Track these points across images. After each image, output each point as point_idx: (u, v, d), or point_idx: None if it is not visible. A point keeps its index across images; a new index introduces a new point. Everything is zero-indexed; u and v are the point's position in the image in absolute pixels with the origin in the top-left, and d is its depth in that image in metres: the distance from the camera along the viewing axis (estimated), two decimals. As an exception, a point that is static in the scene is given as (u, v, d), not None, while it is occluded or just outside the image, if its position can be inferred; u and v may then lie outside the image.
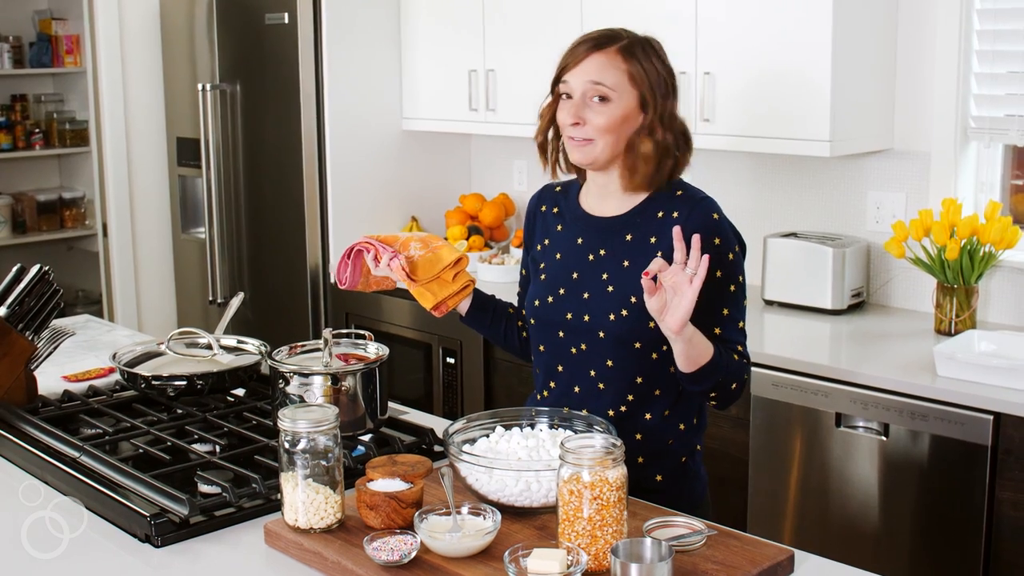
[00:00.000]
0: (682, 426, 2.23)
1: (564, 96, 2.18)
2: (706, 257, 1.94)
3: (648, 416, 2.20)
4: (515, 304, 2.47)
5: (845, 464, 3.04)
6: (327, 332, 2.33)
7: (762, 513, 3.23)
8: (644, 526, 1.85)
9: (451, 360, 4.08)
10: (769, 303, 3.62)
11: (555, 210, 2.33)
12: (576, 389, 2.24)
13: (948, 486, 2.87)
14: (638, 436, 2.20)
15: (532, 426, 2.09)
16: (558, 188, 2.36)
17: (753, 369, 3.15)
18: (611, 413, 2.20)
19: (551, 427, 2.08)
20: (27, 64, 5.88)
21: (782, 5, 3.38)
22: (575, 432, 2.03)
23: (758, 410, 3.19)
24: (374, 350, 2.40)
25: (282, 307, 4.70)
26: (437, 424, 2.47)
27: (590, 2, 3.87)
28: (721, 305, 2.14)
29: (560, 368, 2.26)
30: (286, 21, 4.40)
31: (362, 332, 2.46)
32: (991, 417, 2.76)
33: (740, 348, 2.17)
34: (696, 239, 1.95)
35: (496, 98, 4.24)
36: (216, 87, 4.78)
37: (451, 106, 4.43)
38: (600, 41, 2.17)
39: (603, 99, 2.14)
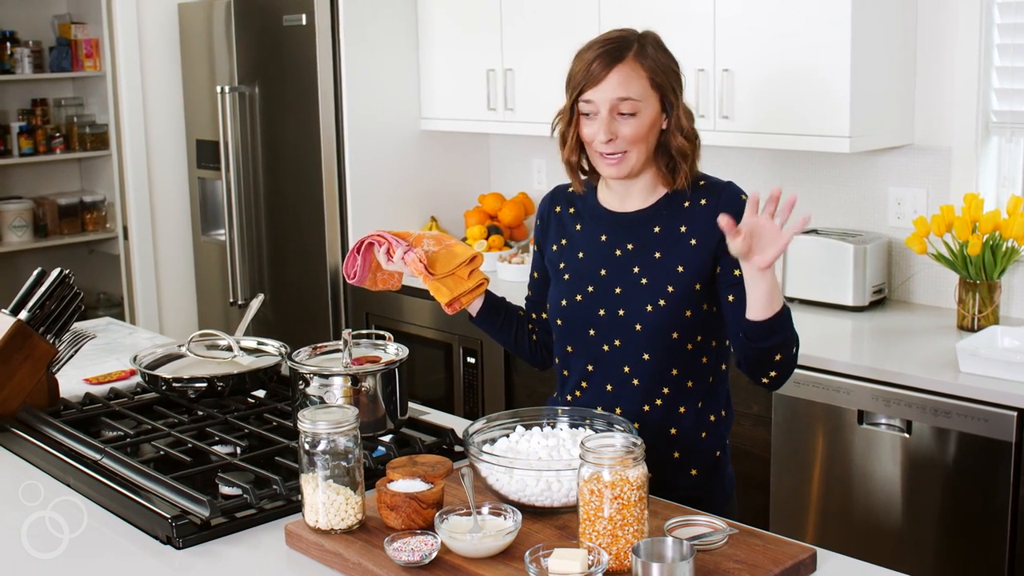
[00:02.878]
0: (712, 417, 2.24)
1: (585, 112, 2.16)
2: (792, 198, 1.95)
3: (683, 410, 2.21)
4: (524, 308, 2.46)
5: (867, 462, 3.03)
6: (347, 333, 2.33)
7: (784, 511, 3.22)
8: (665, 525, 1.84)
9: (471, 360, 4.08)
10: (790, 300, 3.60)
11: (571, 210, 2.32)
12: (609, 387, 2.23)
13: (972, 483, 2.85)
14: (673, 431, 2.21)
15: (552, 425, 2.09)
16: (571, 188, 2.34)
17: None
18: (646, 408, 2.20)
19: (571, 426, 2.08)
20: (47, 68, 5.91)
21: (801, 0, 3.36)
22: (595, 431, 2.02)
23: (779, 408, 3.17)
24: (394, 351, 2.39)
25: (302, 308, 4.70)
26: (457, 424, 2.47)
27: (608, 1, 3.85)
28: None
29: (591, 368, 2.25)
30: (304, 22, 4.41)
31: (382, 332, 2.46)
32: (1015, 413, 2.74)
33: None
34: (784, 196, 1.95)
35: (514, 97, 4.24)
36: (235, 89, 4.79)
37: (469, 106, 4.42)
38: (614, 52, 2.13)
39: (630, 111, 2.13)
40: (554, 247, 2.33)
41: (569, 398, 2.31)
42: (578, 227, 2.30)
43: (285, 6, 4.49)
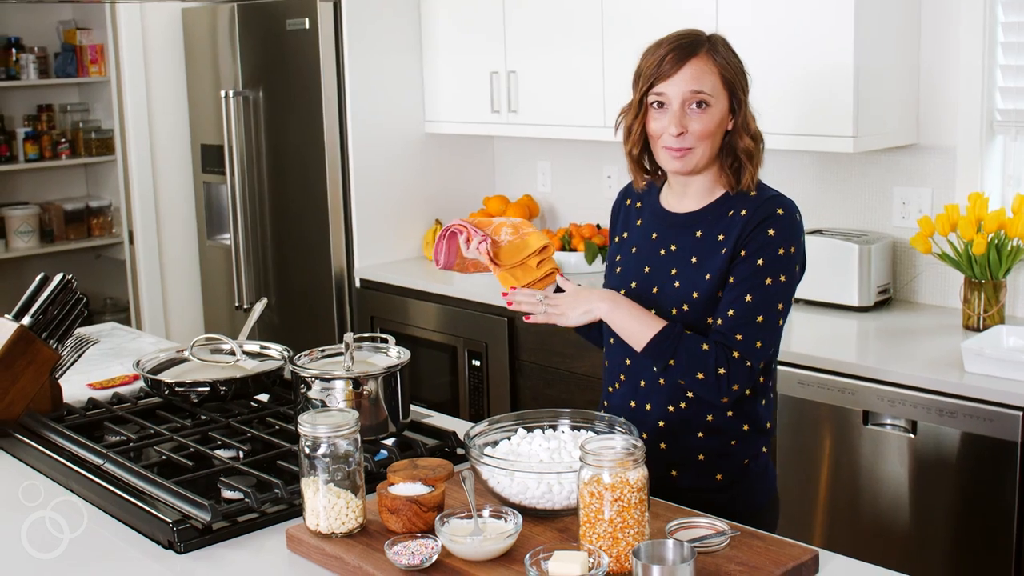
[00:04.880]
0: (746, 427, 2.22)
1: (655, 105, 2.17)
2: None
3: (710, 418, 2.19)
4: None
5: (873, 462, 3.02)
6: (349, 336, 2.33)
7: (791, 513, 3.20)
8: (667, 527, 1.84)
9: (476, 363, 4.07)
10: (795, 301, 3.59)
11: (638, 205, 2.37)
12: (642, 383, 2.24)
13: (977, 483, 2.84)
14: (700, 435, 2.20)
15: (554, 428, 2.09)
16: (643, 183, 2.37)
17: (780, 367, 3.13)
18: (671, 409, 2.20)
19: (573, 429, 2.07)
20: (52, 74, 5.92)
21: (804, 0, 3.35)
22: (597, 433, 2.02)
23: (785, 409, 3.16)
24: (395, 354, 2.39)
25: (308, 311, 4.71)
26: (460, 427, 2.47)
27: (610, 3, 3.85)
28: (746, 290, 2.11)
29: (628, 362, 2.27)
30: (307, 27, 4.41)
31: (385, 336, 2.46)
32: (1020, 413, 2.72)
33: (739, 337, 2.09)
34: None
35: (518, 100, 4.23)
36: (239, 93, 4.80)
37: (473, 108, 4.43)
38: (688, 47, 2.15)
39: (702, 105, 2.14)
40: (616, 239, 2.39)
41: (610, 389, 2.33)
42: (639, 222, 2.34)
43: (288, 10, 4.50)
